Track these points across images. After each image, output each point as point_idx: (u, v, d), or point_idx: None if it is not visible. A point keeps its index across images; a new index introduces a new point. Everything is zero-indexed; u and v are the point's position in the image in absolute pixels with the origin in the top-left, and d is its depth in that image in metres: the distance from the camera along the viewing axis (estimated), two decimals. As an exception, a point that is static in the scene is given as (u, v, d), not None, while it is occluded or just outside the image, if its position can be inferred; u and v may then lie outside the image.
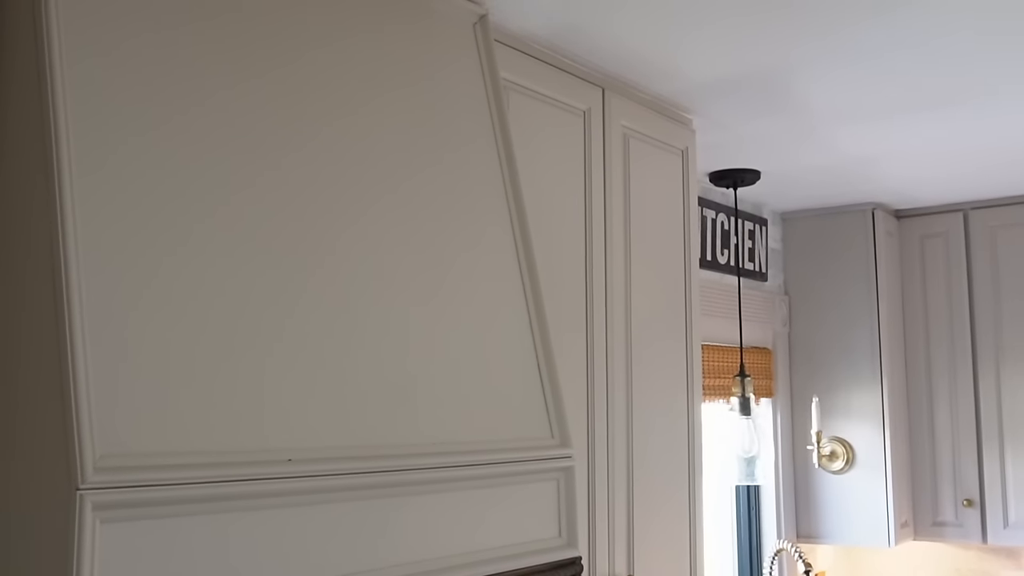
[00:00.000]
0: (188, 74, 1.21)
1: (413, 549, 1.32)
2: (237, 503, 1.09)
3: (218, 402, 1.11)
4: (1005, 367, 3.49)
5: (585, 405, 2.00)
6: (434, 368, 1.41)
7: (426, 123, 1.54)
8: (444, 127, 1.57)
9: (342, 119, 1.40)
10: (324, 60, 1.41)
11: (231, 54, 1.27)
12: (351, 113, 1.42)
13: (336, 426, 1.24)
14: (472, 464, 1.41)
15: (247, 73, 1.29)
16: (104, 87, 1.11)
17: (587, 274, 2.04)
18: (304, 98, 1.35)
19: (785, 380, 3.63)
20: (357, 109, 1.43)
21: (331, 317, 1.28)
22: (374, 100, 1.47)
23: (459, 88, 1.63)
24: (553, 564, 1.54)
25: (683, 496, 2.29)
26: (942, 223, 3.65)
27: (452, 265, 1.50)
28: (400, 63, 1.54)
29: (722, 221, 3.25)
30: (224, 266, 1.17)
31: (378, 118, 1.46)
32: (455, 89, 1.62)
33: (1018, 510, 3.43)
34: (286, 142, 1.31)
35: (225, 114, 1.24)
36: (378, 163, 1.43)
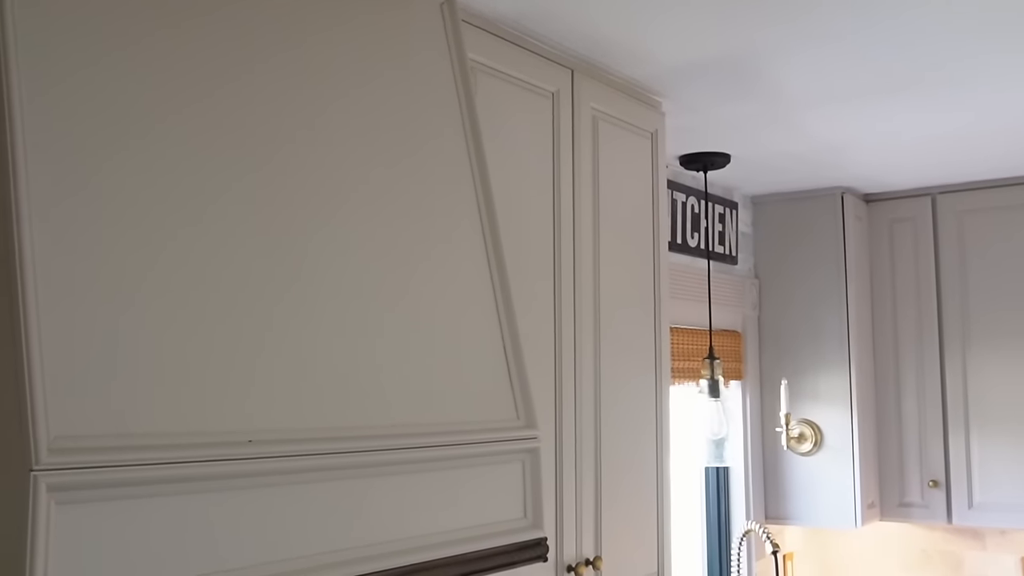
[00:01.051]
0: (153, 83, 1.19)
1: (377, 530, 1.32)
2: (196, 485, 1.09)
3: (177, 384, 1.10)
4: (971, 350, 3.53)
5: (553, 388, 2.00)
6: (399, 350, 1.41)
7: (395, 112, 1.53)
8: (413, 114, 1.56)
9: (313, 117, 1.39)
10: (293, 59, 1.39)
11: (196, 59, 1.25)
12: (321, 111, 1.40)
13: (298, 408, 1.24)
14: (436, 446, 1.41)
15: (216, 80, 1.27)
16: (67, 99, 1.10)
17: (555, 256, 2.04)
18: (273, 99, 1.34)
19: (754, 363, 3.65)
20: (328, 105, 1.42)
21: (295, 299, 1.28)
22: (345, 95, 1.45)
23: (427, 73, 1.62)
24: (518, 545, 1.55)
25: (651, 478, 2.30)
26: (910, 207, 3.68)
27: (418, 248, 1.49)
28: (369, 53, 1.52)
29: (692, 204, 3.26)
30: (186, 249, 1.16)
31: (349, 111, 1.45)
32: (424, 75, 1.61)
33: (982, 491, 3.48)
34: (255, 142, 1.29)
35: (191, 120, 1.22)
36: (348, 152, 1.42)
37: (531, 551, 1.57)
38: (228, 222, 1.22)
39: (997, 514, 3.46)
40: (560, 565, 1.97)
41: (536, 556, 1.58)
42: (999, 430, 3.46)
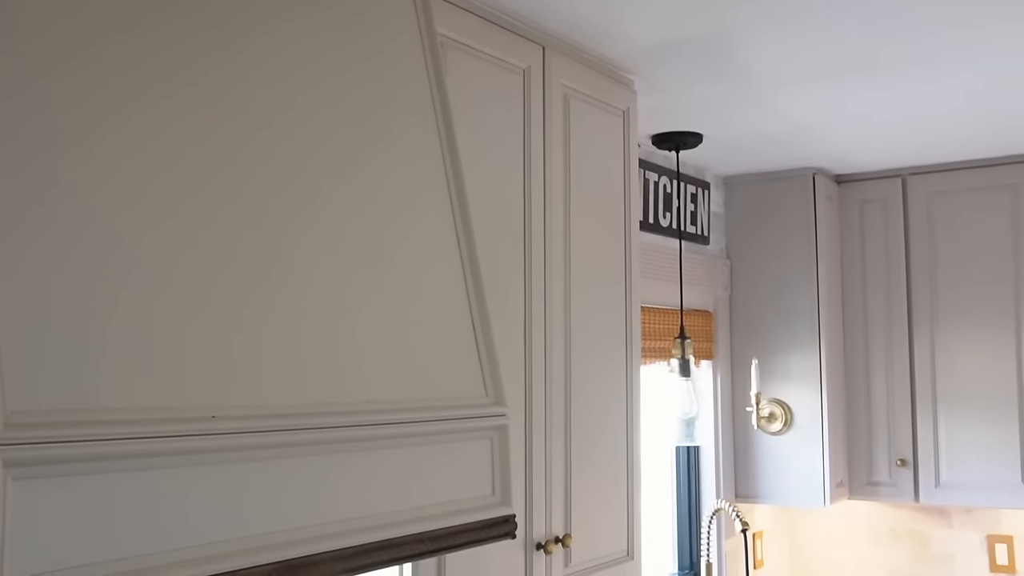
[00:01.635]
0: (125, 78, 1.17)
1: (343, 507, 1.31)
2: (158, 460, 1.07)
3: (139, 359, 1.08)
4: (939, 331, 3.56)
5: (523, 366, 2.00)
6: (366, 327, 1.40)
7: (367, 96, 1.51)
8: (384, 99, 1.54)
9: (285, 107, 1.36)
10: (264, 49, 1.36)
11: (167, 54, 1.22)
12: (293, 100, 1.38)
13: (263, 384, 1.22)
14: (403, 422, 1.40)
15: (187, 74, 1.24)
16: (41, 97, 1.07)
17: (526, 235, 2.03)
18: (245, 90, 1.31)
19: (725, 343, 3.67)
20: (301, 94, 1.39)
21: (261, 276, 1.26)
22: (320, 83, 1.43)
23: (399, 57, 1.60)
24: (486, 522, 1.54)
25: (621, 457, 2.31)
26: (881, 188, 3.70)
27: (386, 225, 1.48)
28: (341, 41, 1.50)
29: (664, 184, 3.26)
30: (152, 230, 1.14)
31: (322, 100, 1.42)
32: (395, 58, 1.59)
33: (949, 470, 3.51)
34: (228, 133, 1.27)
35: (163, 115, 1.19)
36: (320, 138, 1.40)
37: (499, 528, 1.57)
38: (197, 206, 1.20)
39: (964, 492, 3.50)
40: (529, 542, 1.97)
41: (504, 533, 1.58)
42: (966, 409, 3.50)
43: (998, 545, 3.73)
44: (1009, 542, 3.72)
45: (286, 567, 1.22)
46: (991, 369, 3.47)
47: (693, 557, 3.57)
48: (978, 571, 3.77)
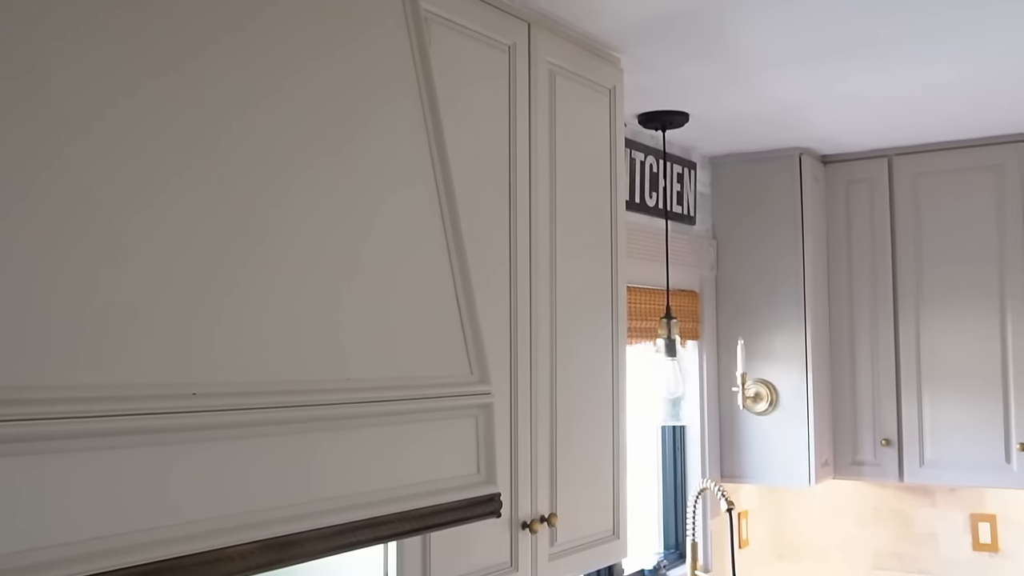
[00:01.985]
0: (107, 66, 1.14)
1: (327, 486, 1.30)
2: (137, 438, 1.06)
3: (120, 336, 1.07)
4: (925, 311, 3.57)
5: (508, 345, 1.99)
6: (349, 305, 1.38)
7: (351, 77, 1.49)
8: (368, 74, 1.52)
9: (270, 93, 1.34)
10: (246, 34, 1.34)
11: (146, 43, 1.20)
12: (279, 84, 1.36)
13: (245, 361, 1.21)
14: (387, 400, 1.39)
15: (168, 62, 1.22)
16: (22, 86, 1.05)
17: (511, 212, 2.02)
18: (228, 77, 1.29)
19: (711, 323, 3.67)
20: (284, 79, 1.37)
21: (243, 253, 1.24)
22: (303, 65, 1.40)
23: (382, 31, 1.58)
24: (471, 500, 1.54)
25: (607, 436, 2.30)
26: (867, 169, 3.70)
27: (371, 204, 1.46)
28: (324, 17, 1.48)
29: (651, 164, 3.25)
30: (140, 206, 1.12)
31: (306, 78, 1.40)
32: (378, 32, 1.57)
33: (933, 449, 3.53)
34: (210, 120, 1.25)
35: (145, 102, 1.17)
36: (305, 119, 1.38)
37: (484, 507, 1.56)
38: (183, 187, 1.19)
39: (947, 472, 3.51)
40: (514, 521, 1.97)
41: (489, 512, 1.58)
42: (951, 389, 3.51)
43: (981, 524, 3.76)
44: (992, 521, 3.74)
45: (269, 545, 1.21)
46: (975, 349, 3.48)
47: (678, 536, 3.58)
48: (961, 550, 3.79)
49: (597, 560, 2.26)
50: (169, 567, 1.09)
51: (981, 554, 3.76)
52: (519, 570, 1.98)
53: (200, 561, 1.12)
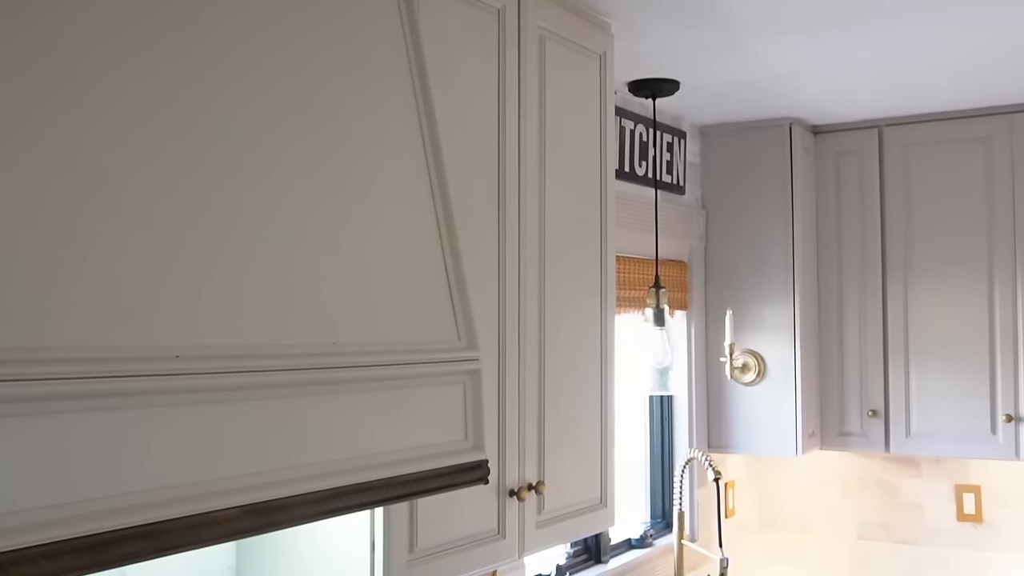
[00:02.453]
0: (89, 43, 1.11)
1: (313, 451, 1.29)
2: (120, 400, 1.04)
3: (99, 296, 1.05)
4: (913, 283, 3.57)
5: (496, 313, 1.98)
6: (337, 268, 1.37)
7: (341, 39, 1.46)
8: (358, 41, 1.50)
9: (265, 58, 1.32)
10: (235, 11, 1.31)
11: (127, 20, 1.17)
12: (279, 49, 1.33)
13: (230, 325, 1.19)
14: (375, 365, 1.38)
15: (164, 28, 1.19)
16: None
17: (500, 179, 2.00)
18: (226, 46, 1.26)
19: (700, 293, 3.66)
20: (283, 46, 1.35)
21: (231, 216, 1.22)
22: (299, 34, 1.38)
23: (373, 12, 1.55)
24: (459, 467, 1.53)
25: (595, 405, 2.30)
26: (857, 140, 3.68)
27: (359, 166, 1.44)
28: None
29: (641, 132, 3.23)
30: (135, 169, 1.10)
31: (301, 46, 1.38)
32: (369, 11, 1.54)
33: (920, 421, 3.54)
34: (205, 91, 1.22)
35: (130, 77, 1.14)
36: (297, 80, 1.36)
37: (472, 473, 1.56)
38: (178, 152, 1.16)
39: (933, 443, 3.53)
40: (502, 489, 1.96)
41: (477, 478, 1.57)
42: (938, 361, 3.52)
43: (966, 494, 3.78)
44: (976, 491, 3.76)
45: (255, 510, 1.20)
46: (963, 321, 3.48)
47: (665, 505, 3.59)
48: (946, 520, 3.82)
49: (584, 528, 2.26)
50: (153, 531, 1.08)
51: (965, 524, 3.78)
52: (506, 538, 1.98)
53: (184, 525, 1.11)
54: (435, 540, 1.79)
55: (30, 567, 0.95)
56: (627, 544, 3.35)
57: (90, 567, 1.01)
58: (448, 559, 1.82)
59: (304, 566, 1.79)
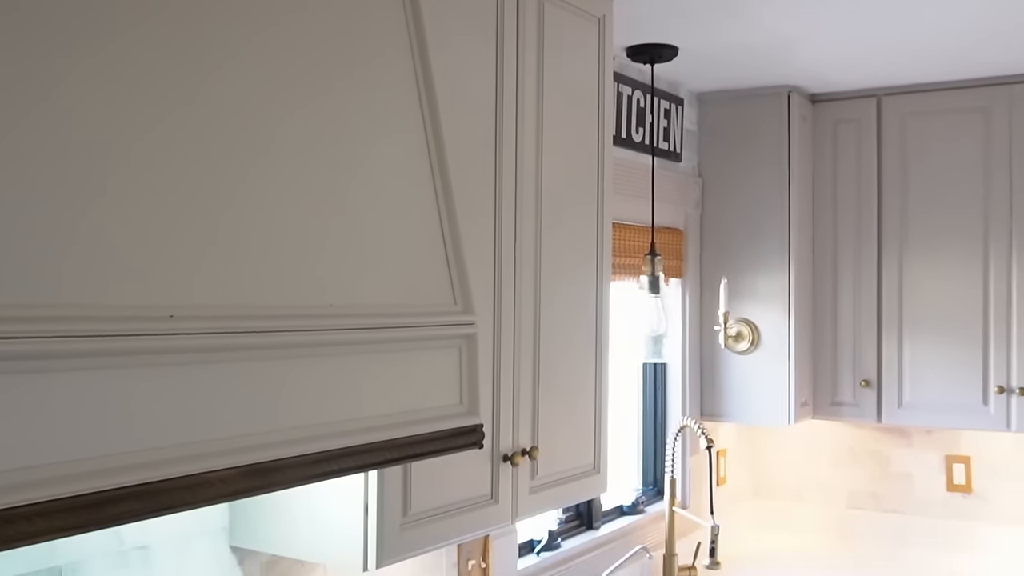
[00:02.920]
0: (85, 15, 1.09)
1: (308, 413, 1.29)
2: (113, 360, 1.03)
3: (92, 254, 1.03)
4: (908, 254, 3.56)
5: (492, 278, 1.97)
6: (333, 232, 1.35)
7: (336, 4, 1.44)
8: (354, 5, 1.48)
9: (264, 27, 1.30)
10: None
11: None
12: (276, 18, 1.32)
13: (226, 285, 1.18)
14: (370, 328, 1.37)
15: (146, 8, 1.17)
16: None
17: (497, 143, 1.98)
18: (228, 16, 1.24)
19: (695, 261, 3.65)
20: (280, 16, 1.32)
21: (226, 176, 1.21)
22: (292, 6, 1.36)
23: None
24: (454, 431, 1.53)
25: (589, 371, 2.29)
26: (856, 109, 3.66)
27: (357, 133, 1.43)
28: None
29: (638, 98, 3.20)
30: (125, 126, 1.08)
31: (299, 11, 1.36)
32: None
33: (912, 391, 3.55)
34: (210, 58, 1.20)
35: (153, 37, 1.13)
36: (297, 46, 1.34)
37: (467, 437, 1.55)
38: (184, 117, 1.14)
39: (925, 414, 3.54)
40: (496, 454, 1.96)
41: (471, 443, 1.57)
42: (931, 332, 3.52)
43: (956, 465, 3.80)
44: (967, 462, 3.78)
45: (251, 471, 1.20)
46: (957, 293, 3.48)
47: (657, 473, 3.60)
48: (935, 490, 3.84)
49: (577, 494, 2.27)
50: (147, 491, 1.07)
51: (954, 495, 3.81)
52: (499, 502, 1.98)
53: (180, 485, 1.11)
54: (428, 504, 1.79)
55: (25, 525, 0.95)
56: (619, 511, 3.36)
57: (85, 526, 1.01)
58: (441, 523, 1.82)
59: (297, 529, 1.79)
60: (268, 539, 1.83)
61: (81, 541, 1.59)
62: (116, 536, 1.66)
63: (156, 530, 1.72)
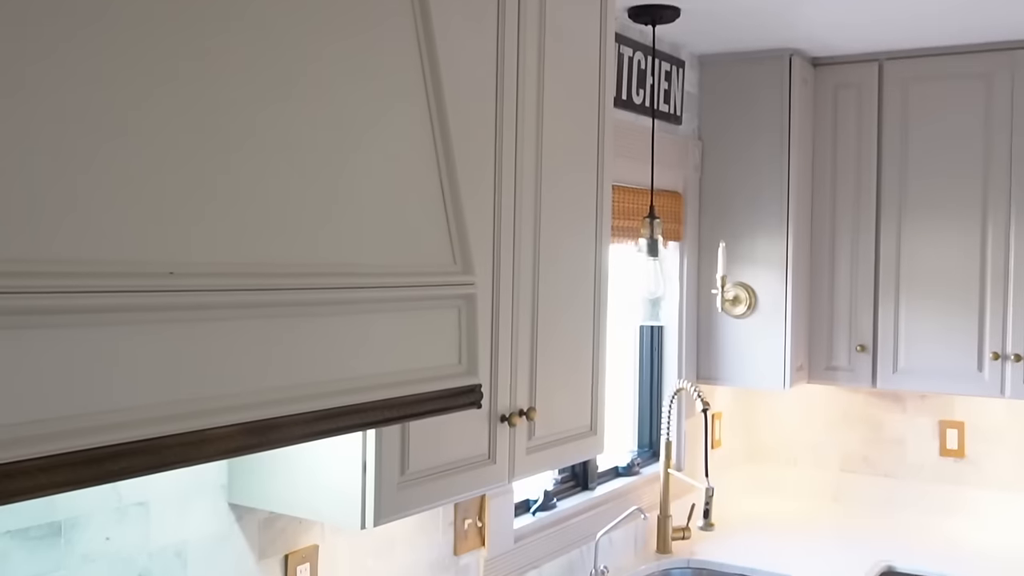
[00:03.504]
0: None
1: (306, 371, 1.29)
2: (113, 316, 1.03)
3: (91, 209, 1.03)
4: (906, 220, 3.56)
5: (491, 238, 1.96)
6: (333, 190, 1.35)
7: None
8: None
9: None
10: None
11: None
12: None
13: (226, 243, 1.18)
14: (370, 287, 1.37)
15: None
16: None
17: (498, 104, 1.97)
18: None
19: (694, 225, 3.65)
20: None
21: (227, 134, 1.20)
22: None
23: None
24: (452, 391, 1.53)
25: (587, 333, 2.30)
26: (857, 73, 3.64)
27: (356, 86, 1.42)
28: None
29: (639, 60, 3.18)
30: (129, 81, 1.07)
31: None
32: None
33: (907, 356, 3.56)
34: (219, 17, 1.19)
35: None
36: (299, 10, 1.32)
37: (465, 397, 1.56)
38: (193, 74, 1.13)
39: (920, 379, 3.56)
40: (493, 415, 1.97)
41: (470, 403, 1.57)
42: (928, 298, 3.53)
43: (949, 430, 3.82)
44: (960, 427, 3.80)
45: (250, 429, 1.20)
46: (955, 259, 3.49)
47: (653, 435, 3.62)
48: (928, 455, 3.87)
49: (574, 455, 2.28)
50: (148, 447, 1.08)
51: (947, 459, 3.84)
52: (496, 463, 1.99)
53: (179, 443, 1.11)
54: (426, 463, 1.80)
55: (25, 480, 0.95)
56: (614, 472, 3.39)
57: (85, 481, 1.01)
58: (438, 482, 1.83)
59: (295, 487, 1.80)
60: (266, 497, 1.84)
61: (80, 497, 1.60)
62: (115, 492, 1.66)
63: (155, 487, 1.73)
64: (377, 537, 2.21)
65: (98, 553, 1.64)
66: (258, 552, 1.93)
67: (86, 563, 1.62)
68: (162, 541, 1.75)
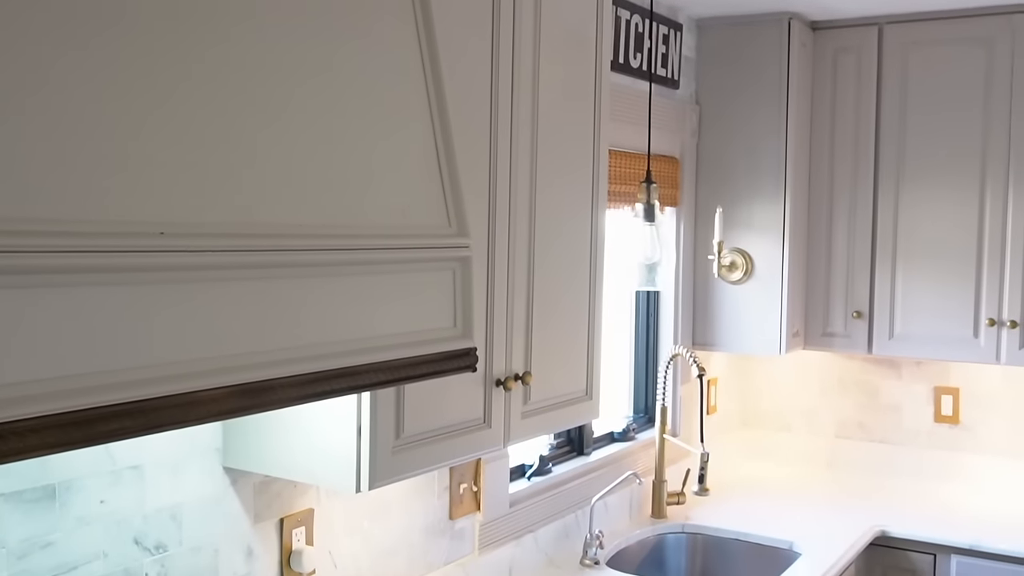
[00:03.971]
0: None
1: (301, 333, 1.28)
2: (103, 276, 1.02)
3: (85, 169, 1.01)
4: (904, 186, 3.54)
5: (487, 203, 1.95)
6: (328, 152, 1.33)
7: None
8: None
9: None
10: None
11: None
12: None
13: (218, 203, 1.16)
14: (363, 248, 1.36)
15: None
16: None
17: (493, 67, 1.94)
18: None
19: (691, 190, 3.63)
20: None
21: (217, 92, 1.18)
22: None
23: None
24: (447, 354, 1.52)
25: (583, 297, 2.29)
26: (856, 37, 3.61)
27: (352, 50, 1.39)
28: None
29: (636, 23, 3.15)
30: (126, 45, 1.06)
31: None
32: None
33: (903, 323, 3.56)
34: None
35: None
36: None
37: (460, 360, 1.55)
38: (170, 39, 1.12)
39: (916, 345, 3.55)
40: (489, 378, 1.96)
41: (465, 366, 1.57)
42: (925, 265, 3.52)
43: (944, 396, 3.83)
44: (955, 394, 3.81)
45: (243, 391, 1.19)
46: (952, 225, 3.48)
47: (648, 400, 3.63)
48: (923, 421, 3.88)
49: (569, 419, 2.28)
50: (139, 409, 1.07)
51: (941, 425, 3.85)
52: (492, 427, 1.99)
53: (171, 404, 1.10)
54: (421, 427, 1.80)
55: (16, 441, 0.94)
56: (610, 437, 3.39)
57: (76, 442, 1.00)
58: (433, 446, 1.83)
59: (290, 450, 1.80)
60: (261, 460, 1.83)
61: (74, 460, 1.60)
62: (109, 455, 1.66)
63: (149, 450, 1.73)
64: (372, 501, 2.21)
65: (93, 516, 1.64)
66: (253, 515, 1.93)
67: (81, 526, 1.62)
68: (157, 504, 1.75)
